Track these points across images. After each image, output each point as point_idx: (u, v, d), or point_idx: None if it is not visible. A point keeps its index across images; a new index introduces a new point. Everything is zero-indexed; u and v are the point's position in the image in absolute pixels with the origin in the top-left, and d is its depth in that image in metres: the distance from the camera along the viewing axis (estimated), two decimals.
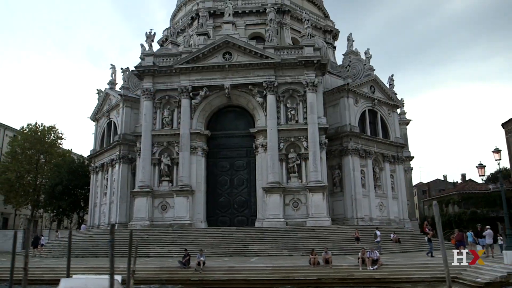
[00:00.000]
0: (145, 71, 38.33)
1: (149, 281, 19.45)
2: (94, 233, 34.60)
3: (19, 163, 48.54)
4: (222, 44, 37.85)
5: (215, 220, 36.94)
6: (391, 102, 44.19)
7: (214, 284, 18.19)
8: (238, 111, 39.32)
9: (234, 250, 28.37)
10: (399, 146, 43.80)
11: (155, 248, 29.39)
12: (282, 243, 29.02)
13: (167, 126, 37.90)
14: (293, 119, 36.81)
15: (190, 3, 53.27)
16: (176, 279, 19.13)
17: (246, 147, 38.40)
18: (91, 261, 24.83)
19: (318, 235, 30.23)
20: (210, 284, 18.35)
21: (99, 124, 47.09)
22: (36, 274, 20.26)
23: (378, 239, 27.24)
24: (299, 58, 36.86)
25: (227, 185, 37.86)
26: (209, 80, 37.66)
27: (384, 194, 40.91)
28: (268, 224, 33.82)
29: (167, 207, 36.03)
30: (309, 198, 34.58)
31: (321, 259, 19.50)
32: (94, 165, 45.81)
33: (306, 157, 35.73)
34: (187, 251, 22.14)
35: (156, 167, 37.10)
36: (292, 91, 37.23)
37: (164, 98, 38.34)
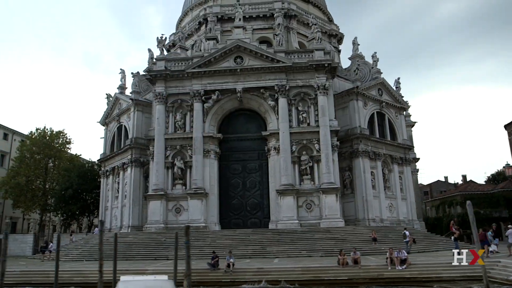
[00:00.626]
0: (157, 75, 38.32)
1: (180, 283, 19.35)
2: (111, 236, 34.30)
3: (29, 167, 48.30)
4: (233, 48, 37.96)
5: (228, 222, 36.88)
6: (398, 105, 44.45)
7: (246, 285, 18.12)
8: (249, 114, 39.36)
9: (252, 252, 28.34)
10: (407, 148, 44.03)
11: (163, 251, 29.25)
12: (300, 245, 29.01)
13: (179, 129, 37.86)
14: (304, 122, 36.91)
15: (197, 9, 53.35)
16: (207, 281, 19.06)
17: (258, 150, 38.45)
18: (119, 264, 24.57)
19: (335, 236, 30.28)
20: (242, 285, 18.30)
21: (108, 128, 46.95)
22: (64, 277, 20.09)
23: (407, 239, 27.34)
24: (310, 61, 37.02)
25: (240, 187, 37.84)
26: (221, 84, 37.71)
27: (393, 195, 41.06)
28: (282, 226, 33.82)
29: (181, 210, 35.96)
30: (322, 200, 34.64)
31: (349, 260, 19.53)
32: (105, 169, 45.63)
33: (318, 159, 35.82)
34: (215, 253, 22.10)
35: (169, 170, 37.04)
36: (303, 94, 37.36)
37: (176, 102, 38.34)
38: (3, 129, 53.73)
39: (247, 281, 18.13)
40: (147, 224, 35.22)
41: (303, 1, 52.63)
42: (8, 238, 16.33)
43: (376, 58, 44.52)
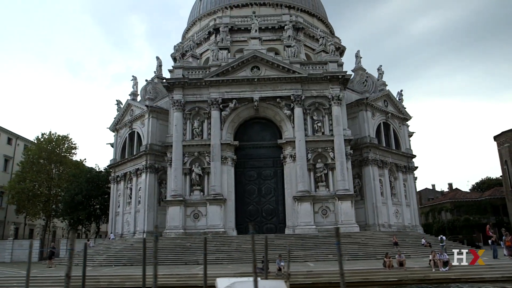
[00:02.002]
0: (175, 83, 38.33)
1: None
2: (134, 241, 33.91)
3: (36, 172, 47.15)
4: (250, 58, 38.43)
5: (244, 228, 36.91)
6: (402, 116, 45.76)
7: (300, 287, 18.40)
8: (264, 122, 39.73)
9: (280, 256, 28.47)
10: (410, 156, 45.27)
11: (202, 255, 29.05)
12: (324, 249, 29.43)
13: (197, 136, 37.87)
14: (319, 131, 37.56)
15: (206, 19, 53.63)
16: None
17: (273, 157, 38.81)
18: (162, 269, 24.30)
19: (356, 241, 30.86)
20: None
21: (119, 134, 46.41)
22: (115, 282, 19.84)
23: (443, 243, 28.14)
24: (325, 73, 37.82)
25: (255, 193, 38.04)
26: (239, 93, 38.03)
27: (399, 202, 42.08)
28: (300, 231, 34.19)
29: (199, 216, 35.85)
30: (337, 206, 35.24)
31: (395, 262, 20.07)
32: (115, 174, 45.01)
33: (333, 167, 36.47)
34: (264, 257, 22.16)
35: (187, 176, 36.92)
36: (318, 104, 38.06)
37: (194, 109, 38.39)
38: (8, 133, 52.29)
39: (301, 284, 18.38)
40: (167, 230, 34.93)
41: (309, 15, 53.70)
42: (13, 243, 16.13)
43: (381, 71, 45.83)
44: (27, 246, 46.15)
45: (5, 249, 44.99)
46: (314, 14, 54.74)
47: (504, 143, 54.55)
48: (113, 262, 28.80)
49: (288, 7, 52.15)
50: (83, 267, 15.49)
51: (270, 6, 51.68)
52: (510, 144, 53.49)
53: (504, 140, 54.72)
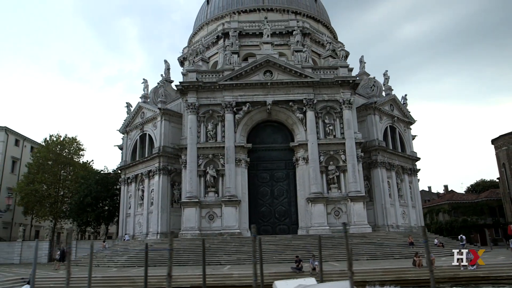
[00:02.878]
0: (189, 86, 38.46)
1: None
2: (153, 242, 33.82)
3: (45, 174, 46.74)
4: (263, 63, 38.78)
5: (258, 229, 36.40)
6: (406, 119, 46.53)
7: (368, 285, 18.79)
8: (275, 125, 40.05)
9: (301, 256, 28.77)
10: (414, 159, 46.00)
11: (223, 256, 29.31)
12: (342, 249, 29.68)
13: (211, 139, 38.03)
14: (331, 134, 38.02)
15: (213, 24, 53.84)
16: None
17: (285, 160, 39.13)
18: (180, 270, 24.41)
19: (372, 241, 31.31)
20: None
21: (129, 137, 46.28)
22: (152, 282, 19.88)
23: (463, 242, 28.70)
24: (337, 78, 38.34)
25: (268, 195, 38.30)
26: (252, 96, 38.32)
27: (405, 203, 42.72)
28: (314, 231, 34.51)
29: (214, 217, 35.97)
30: (350, 207, 35.70)
31: (424, 261, 20.48)
32: (125, 176, 44.85)
33: (345, 169, 36.94)
34: (299, 257, 22.51)
35: (201, 178, 37.03)
36: (329, 108, 38.53)
37: (208, 112, 38.55)
38: (15, 135, 51.71)
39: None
40: (183, 231, 34.97)
41: (314, 21, 54.28)
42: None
43: (387, 76, 46.55)
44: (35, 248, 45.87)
45: (14, 250, 44.49)
46: (319, 20, 55.36)
47: (502, 146, 55.73)
48: (136, 263, 28.73)
49: (294, 13, 52.67)
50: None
51: (277, 12, 52.13)
52: (508, 148, 54.68)
53: (501, 143, 55.90)
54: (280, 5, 52.66)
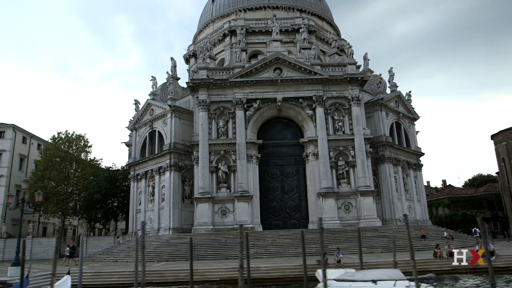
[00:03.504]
0: (200, 83, 38.55)
1: (287, 278, 20.07)
2: (169, 238, 34.01)
3: (55, 171, 46.67)
4: (273, 60, 38.93)
5: (269, 223, 37.51)
6: (411, 116, 47.06)
7: None
8: (285, 122, 40.31)
9: (316, 250, 29.19)
10: (419, 154, 46.58)
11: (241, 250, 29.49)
12: (357, 243, 30.09)
13: (222, 135, 38.19)
14: (340, 130, 38.38)
15: (219, 21, 53.86)
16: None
17: (295, 156, 39.45)
18: (202, 264, 24.67)
19: (384, 234, 31.77)
20: None
21: (138, 133, 46.29)
22: (181, 276, 20.15)
23: (477, 235, 29.19)
24: (345, 75, 38.66)
25: (279, 190, 38.62)
26: (262, 93, 38.53)
27: (411, 198, 43.30)
28: (325, 225, 34.52)
29: (227, 212, 36.20)
30: (360, 202, 36.15)
31: (445, 253, 20.97)
32: (135, 172, 44.92)
33: (354, 164, 37.35)
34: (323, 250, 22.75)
35: (213, 174, 37.21)
36: (338, 105, 38.85)
37: (219, 109, 38.69)
38: (23, 132, 51.44)
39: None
40: (196, 226, 35.18)
41: (319, 18, 54.52)
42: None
43: (392, 72, 46.94)
44: (46, 244, 46.08)
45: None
46: (323, 17, 55.61)
47: (502, 141, 56.52)
48: (155, 258, 28.92)
49: (300, 11, 52.87)
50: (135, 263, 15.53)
51: (283, 10, 52.28)
52: (508, 143, 55.48)
53: (501, 138, 56.69)
54: (285, 2, 52.82)
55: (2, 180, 47.64)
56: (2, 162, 48.21)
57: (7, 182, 47.81)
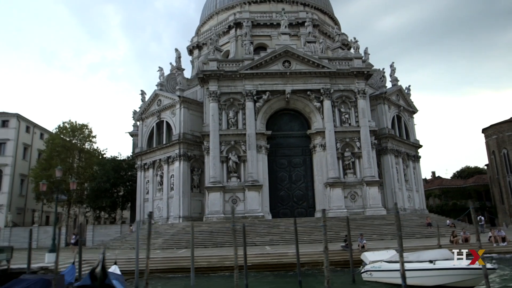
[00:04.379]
0: (211, 75, 38.66)
1: (315, 263, 20.74)
2: (184, 225, 34.34)
3: (61, 160, 46.24)
4: (282, 53, 39.27)
5: (277, 212, 38.16)
6: (410, 109, 48.17)
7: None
8: (292, 113, 40.81)
9: (330, 237, 29.89)
10: (417, 146, 47.82)
11: (256, 237, 30.19)
12: (367, 230, 31.05)
13: (232, 126, 38.49)
14: (346, 122, 39.14)
15: (223, 13, 53.75)
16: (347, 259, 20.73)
17: (302, 146, 40.09)
18: (225, 250, 25.09)
19: (392, 222, 32.69)
20: None
21: (145, 124, 46.15)
22: (213, 261, 20.58)
23: (482, 223, 30.39)
24: (352, 69, 39.31)
25: (286, 180, 39.26)
26: (272, 85, 38.91)
27: (410, 188, 44.55)
28: (332, 214, 35.73)
29: (237, 201, 36.67)
30: (365, 191, 37.11)
31: (460, 239, 21.95)
32: (142, 162, 44.90)
33: (359, 155, 38.22)
34: (347, 236, 23.53)
35: (224, 164, 37.58)
36: (345, 98, 39.56)
37: (229, 100, 38.92)
38: (26, 122, 50.63)
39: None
40: (208, 214, 35.62)
41: (321, 12, 54.94)
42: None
43: (393, 67, 47.81)
44: (52, 233, 45.67)
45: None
46: (325, 11, 56.05)
47: (492, 135, 58.33)
48: (174, 245, 29.29)
49: (303, 5, 53.18)
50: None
51: (287, 3, 52.45)
52: (498, 136, 57.31)
53: (492, 132, 58.50)
54: None
55: (6, 169, 46.98)
56: (7, 151, 47.50)
57: (11, 171, 47.17)
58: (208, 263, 20.89)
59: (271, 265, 20.51)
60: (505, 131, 56.35)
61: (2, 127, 48.33)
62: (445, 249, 16.16)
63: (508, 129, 56.07)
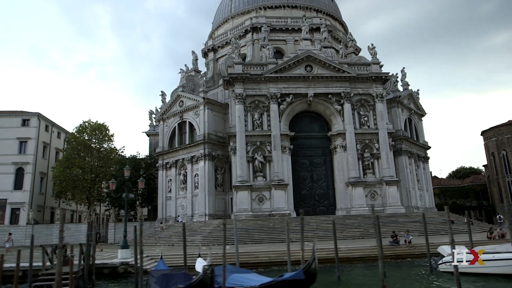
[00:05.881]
0: (237, 77, 39.39)
1: (368, 257, 21.74)
2: (218, 223, 34.93)
3: (82, 159, 46.40)
4: (304, 58, 40.25)
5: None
6: (419, 112, 49.70)
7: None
8: (313, 116, 41.83)
9: (360, 233, 31.15)
10: (426, 148, 49.39)
11: (291, 234, 30.85)
12: (394, 227, 32.12)
13: (258, 127, 39.28)
14: (365, 124, 40.34)
15: (239, 17, 54.47)
16: (397, 254, 21.76)
17: (322, 147, 41.14)
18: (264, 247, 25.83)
19: (415, 220, 33.98)
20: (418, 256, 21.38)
21: (166, 124, 46.62)
22: (272, 257, 21.32)
23: (501, 221, 31.82)
24: (371, 74, 40.54)
25: (308, 179, 40.26)
26: (295, 89, 39.85)
27: (421, 187, 46.05)
28: (355, 212, 36.94)
29: (263, 199, 37.50)
30: (384, 190, 38.36)
31: (497, 235, 23.24)
32: (163, 161, 45.37)
33: (378, 156, 39.47)
34: (395, 232, 24.63)
35: (250, 164, 38.33)
36: (364, 101, 40.76)
37: (254, 102, 39.71)
38: (46, 121, 50.43)
39: (426, 254, 20.95)
40: (237, 212, 36.31)
41: (332, 18, 56.11)
42: None
43: (404, 72, 49.27)
44: (74, 230, 46.11)
45: (53, 232, 44.25)
46: (336, 18, 57.27)
47: (492, 137, 60.42)
48: (214, 242, 29.88)
49: (316, 11, 54.30)
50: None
51: (300, 9, 53.50)
52: (497, 138, 59.40)
53: (491, 134, 60.59)
54: (303, 2, 54.06)
55: (28, 167, 46.80)
56: (28, 150, 47.28)
57: (33, 169, 47.03)
58: (269, 258, 21.71)
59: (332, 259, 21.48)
60: (504, 133, 58.48)
61: (23, 126, 48.13)
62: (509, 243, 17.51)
63: (507, 132, 58.22)
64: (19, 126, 48.25)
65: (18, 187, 46.57)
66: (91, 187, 47.83)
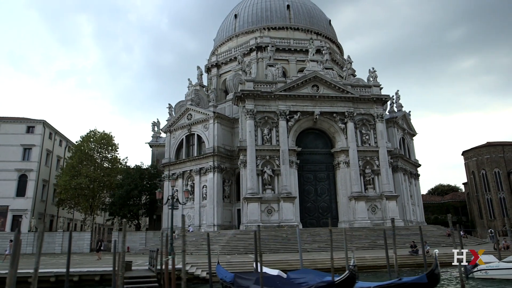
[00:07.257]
0: (248, 94, 40.69)
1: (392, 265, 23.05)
2: (234, 233, 35.51)
3: (88, 168, 46.08)
4: (312, 78, 42.12)
5: (305, 222, 40.34)
6: (411, 132, 52.44)
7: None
8: (317, 132, 43.55)
9: (369, 244, 32.61)
10: (417, 165, 51.99)
11: (304, 245, 32.03)
12: (399, 239, 33.68)
13: (267, 142, 40.52)
14: (366, 142, 42.36)
15: (243, 36, 56.06)
16: (414, 263, 23.27)
17: (326, 163, 42.80)
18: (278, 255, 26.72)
19: (415, 232, 35.50)
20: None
21: (172, 136, 47.17)
22: (305, 264, 22.30)
23: (492, 234, 33.95)
24: (373, 95, 42.84)
25: (312, 193, 41.68)
26: (302, 107, 41.53)
27: (414, 202, 48.37)
28: (358, 225, 38.53)
29: (272, 211, 38.54)
30: (384, 204, 40.23)
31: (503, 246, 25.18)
32: (170, 172, 45.73)
33: (378, 172, 41.44)
34: (414, 242, 26.10)
35: (259, 177, 39.40)
36: (365, 120, 42.88)
37: (263, 118, 41.03)
38: (50, 128, 49.76)
39: (442, 263, 22.53)
40: (247, 223, 37.14)
41: (330, 41, 58.61)
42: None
43: (398, 94, 52.04)
44: (77, 238, 45.44)
45: (55, 240, 43.58)
46: (333, 40, 59.84)
47: (472, 157, 64.07)
48: (233, 251, 30.55)
49: (316, 34, 56.63)
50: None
51: (302, 31, 55.70)
52: (477, 158, 63.05)
53: (472, 155, 64.26)
54: (304, 25, 56.31)
55: (32, 175, 45.93)
56: (32, 157, 46.49)
57: (36, 176, 46.20)
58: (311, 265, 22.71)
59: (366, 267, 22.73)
60: (483, 154, 62.24)
61: (28, 133, 47.38)
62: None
63: (486, 153, 62.00)
64: (24, 133, 47.48)
65: (20, 194, 45.60)
66: (94, 196, 47.40)
